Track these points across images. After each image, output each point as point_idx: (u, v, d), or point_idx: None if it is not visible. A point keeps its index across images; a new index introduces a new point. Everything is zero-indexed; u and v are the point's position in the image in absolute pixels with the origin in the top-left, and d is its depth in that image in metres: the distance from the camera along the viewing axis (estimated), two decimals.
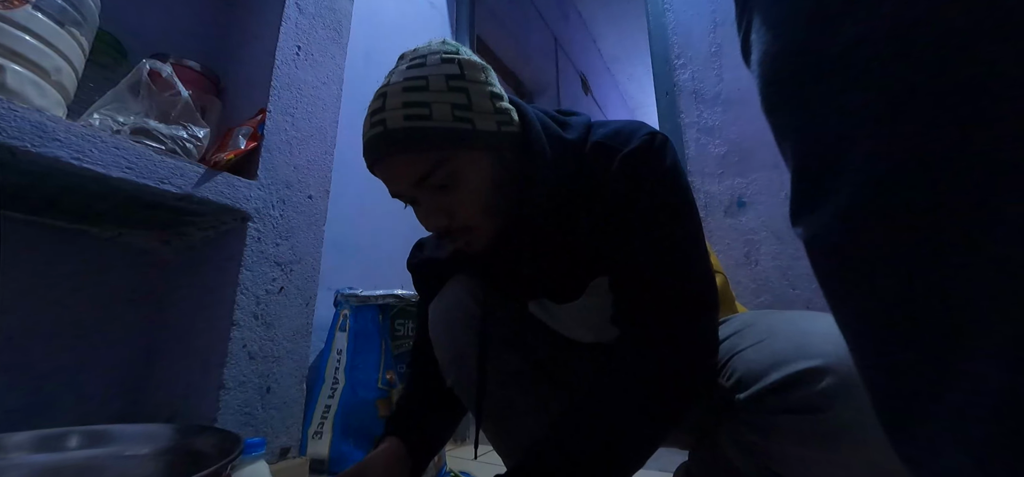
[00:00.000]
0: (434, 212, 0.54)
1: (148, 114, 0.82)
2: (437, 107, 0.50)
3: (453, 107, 0.50)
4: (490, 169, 0.53)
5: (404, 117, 0.50)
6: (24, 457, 0.59)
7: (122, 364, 0.94)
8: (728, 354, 0.52)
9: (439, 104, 0.50)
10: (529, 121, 0.56)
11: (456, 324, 0.65)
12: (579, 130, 0.58)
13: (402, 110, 0.50)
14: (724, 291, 0.67)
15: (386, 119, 0.50)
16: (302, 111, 1.06)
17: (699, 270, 0.53)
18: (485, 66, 0.55)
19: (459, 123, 0.50)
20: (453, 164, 0.51)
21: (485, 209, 0.54)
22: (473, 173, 0.52)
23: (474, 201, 0.53)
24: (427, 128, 0.50)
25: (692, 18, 1.52)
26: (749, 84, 1.37)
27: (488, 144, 0.52)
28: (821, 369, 0.41)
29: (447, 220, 0.54)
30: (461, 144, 0.51)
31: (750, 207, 1.29)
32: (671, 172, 0.53)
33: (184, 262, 1.02)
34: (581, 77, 3.66)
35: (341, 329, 1.17)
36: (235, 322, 0.87)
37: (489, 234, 0.56)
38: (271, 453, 0.92)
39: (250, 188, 0.92)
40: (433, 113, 0.50)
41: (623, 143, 0.54)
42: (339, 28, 1.20)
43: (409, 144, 0.50)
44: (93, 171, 0.69)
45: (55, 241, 0.88)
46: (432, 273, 0.74)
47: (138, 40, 0.95)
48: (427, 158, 0.51)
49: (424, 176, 0.51)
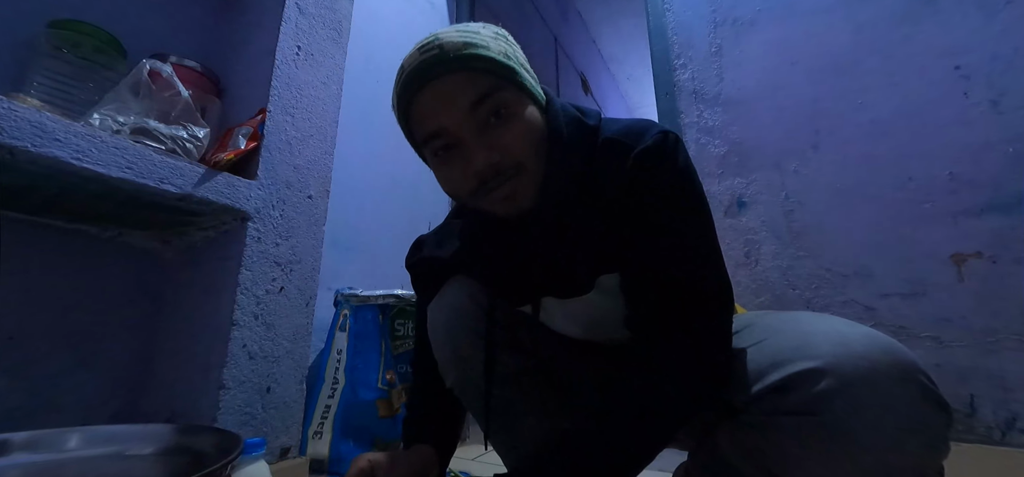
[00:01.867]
0: (483, 148, 0.50)
1: (148, 114, 0.81)
2: (493, 45, 0.51)
3: (503, 52, 0.52)
4: (535, 114, 0.54)
5: (463, 43, 0.50)
6: (23, 457, 0.59)
7: (122, 364, 0.94)
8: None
9: (494, 44, 0.52)
10: (551, 98, 0.58)
11: (456, 325, 0.65)
12: (594, 120, 0.58)
13: (459, 37, 0.50)
14: None
15: (442, 44, 0.50)
16: (302, 111, 1.06)
17: (715, 269, 0.53)
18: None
19: (508, 60, 0.52)
20: (506, 93, 0.51)
21: (536, 149, 0.52)
22: (523, 109, 0.53)
23: (528, 136, 0.52)
24: (486, 55, 0.50)
25: (692, 18, 1.52)
26: (749, 84, 1.37)
27: (530, 91, 0.54)
28: (820, 370, 0.41)
29: (499, 156, 0.50)
30: (513, 81, 0.52)
31: (750, 207, 1.29)
32: (685, 171, 0.53)
33: (184, 262, 1.02)
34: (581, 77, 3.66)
35: (341, 329, 1.17)
36: (235, 322, 0.87)
37: (536, 183, 0.53)
38: (271, 453, 0.92)
39: (250, 188, 0.92)
40: (490, 46, 0.51)
41: (636, 140, 0.53)
42: (339, 28, 1.20)
43: (470, 61, 0.49)
44: (93, 171, 0.69)
45: (55, 241, 0.87)
46: (431, 272, 0.74)
47: (138, 40, 0.95)
48: (485, 81, 0.50)
49: (481, 98, 0.50)
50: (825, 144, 1.22)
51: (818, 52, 1.28)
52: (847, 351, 0.41)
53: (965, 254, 1.00)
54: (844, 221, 1.15)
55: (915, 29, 1.15)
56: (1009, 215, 0.97)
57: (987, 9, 1.07)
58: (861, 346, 0.41)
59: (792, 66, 1.31)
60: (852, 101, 1.20)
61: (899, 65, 1.15)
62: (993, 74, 1.04)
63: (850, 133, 1.19)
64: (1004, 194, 0.99)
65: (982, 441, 0.93)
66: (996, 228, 0.98)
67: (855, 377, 0.40)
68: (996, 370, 0.94)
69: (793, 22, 1.33)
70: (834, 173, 1.19)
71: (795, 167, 1.24)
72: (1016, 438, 0.91)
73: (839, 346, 0.42)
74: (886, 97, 1.16)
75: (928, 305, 1.02)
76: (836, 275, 1.14)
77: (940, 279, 1.02)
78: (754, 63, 1.38)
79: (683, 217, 0.53)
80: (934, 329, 1.01)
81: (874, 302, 1.08)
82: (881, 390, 0.39)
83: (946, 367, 0.98)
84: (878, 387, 0.39)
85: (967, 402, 0.96)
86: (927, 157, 1.08)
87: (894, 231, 1.08)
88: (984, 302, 0.97)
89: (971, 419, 0.95)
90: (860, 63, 1.21)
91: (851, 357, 0.40)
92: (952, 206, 1.03)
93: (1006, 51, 1.03)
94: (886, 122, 1.14)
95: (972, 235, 1.00)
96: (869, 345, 0.41)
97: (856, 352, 0.41)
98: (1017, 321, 0.94)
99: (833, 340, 0.42)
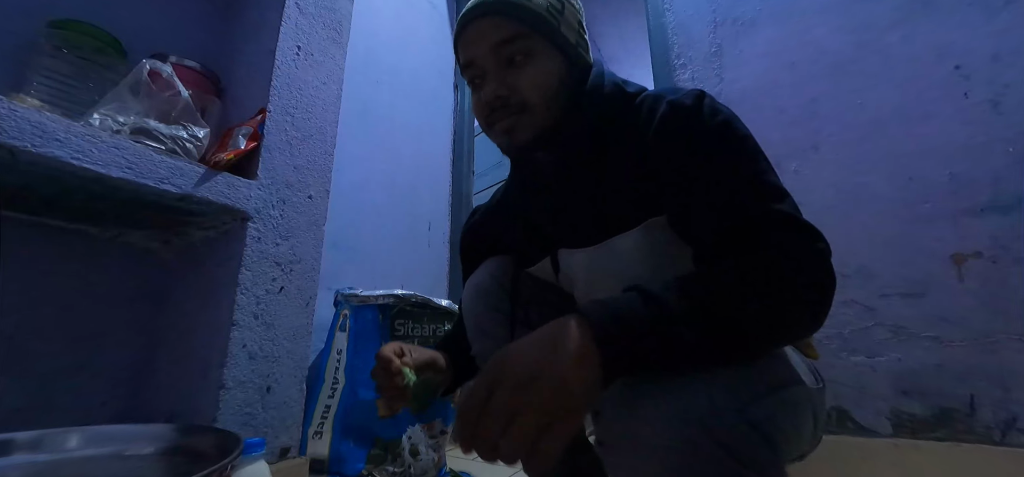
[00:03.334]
0: (498, 83, 0.58)
1: (148, 114, 0.81)
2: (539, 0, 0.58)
3: (550, 5, 0.59)
4: (560, 67, 0.59)
5: None
6: (24, 457, 0.59)
7: (122, 364, 0.94)
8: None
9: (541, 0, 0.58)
10: (598, 62, 0.63)
11: (479, 303, 0.74)
12: (634, 89, 0.61)
13: None
14: None
15: None
16: (302, 111, 1.06)
17: (782, 198, 0.48)
18: (583, 12, 0.64)
19: (550, 16, 0.58)
20: (532, 42, 0.58)
21: (544, 94, 0.58)
22: (546, 59, 0.58)
23: (539, 82, 0.57)
24: (523, 4, 0.57)
25: (692, 18, 1.52)
26: (749, 84, 1.37)
27: (564, 47, 0.59)
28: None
29: (507, 92, 0.58)
30: (545, 31, 0.58)
31: None
32: (726, 114, 0.52)
33: (184, 262, 1.02)
34: None
35: (341, 329, 1.17)
36: (235, 322, 0.87)
37: (536, 125, 0.58)
38: (271, 453, 0.92)
39: (250, 188, 0.92)
40: (533, 0, 0.58)
41: (672, 93, 0.54)
42: (339, 28, 1.20)
43: (504, 8, 0.57)
44: (93, 171, 0.69)
45: (55, 241, 0.88)
46: (470, 246, 0.83)
47: (138, 40, 0.95)
48: (513, 27, 0.57)
49: (505, 41, 0.57)
50: (825, 144, 1.22)
51: (818, 52, 1.28)
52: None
53: (965, 254, 1.00)
54: (844, 221, 1.15)
55: (915, 29, 1.15)
56: (1009, 215, 0.97)
57: (987, 9, 1.07)
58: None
59: (792, 66, 1.31)
60: (852, 101, 1.20)
61: (899, 65, 1.15)
62: (993, 74, 1.04)
63: (850, 133, 1.19)
64: (1004, 194, 0.98)
65: (982, 441, 0.93)
66: (996, 228, 0.98)
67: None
68: (996, 370, 0.94)
69: (793, 22, 1.33)
70: (834, 173, 1.19)
71: (795, 167, 1.24)
72: (1016, 438, 0.91)
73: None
74: (886, 97, 1.15)
75: (928, 305, 1.02)
76: (836, 275, 1.13)
77: (940, 279, 1.02)
78: (754, 63, 1.38)
79: (732, 151, 0.50)
80: (934, 329, 1.01)
81: (874, 302, 1.08)
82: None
83: (946, 367, 0.98)
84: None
85: (967, 402, 0.96)
86: (927, 157, 1.08)
87: (894, 231, 1.08)
88: (984, 302, 0.97)
89: (971, 419, 0.95)
90: (860, 63, 1.21)
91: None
92: (952, 206, 1.03)
93: (1006, 51, 1.03)
94: (886, 122, 1.14)
95: (972, 235, 1.00)
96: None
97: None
98: (1017, 321, 0.94)
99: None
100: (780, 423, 0.42)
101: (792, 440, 0.47)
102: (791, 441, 0.47)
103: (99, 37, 0.84)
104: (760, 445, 0.38)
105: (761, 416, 0.39)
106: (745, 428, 0.38)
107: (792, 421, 0.47)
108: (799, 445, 0.52)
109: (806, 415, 0.50)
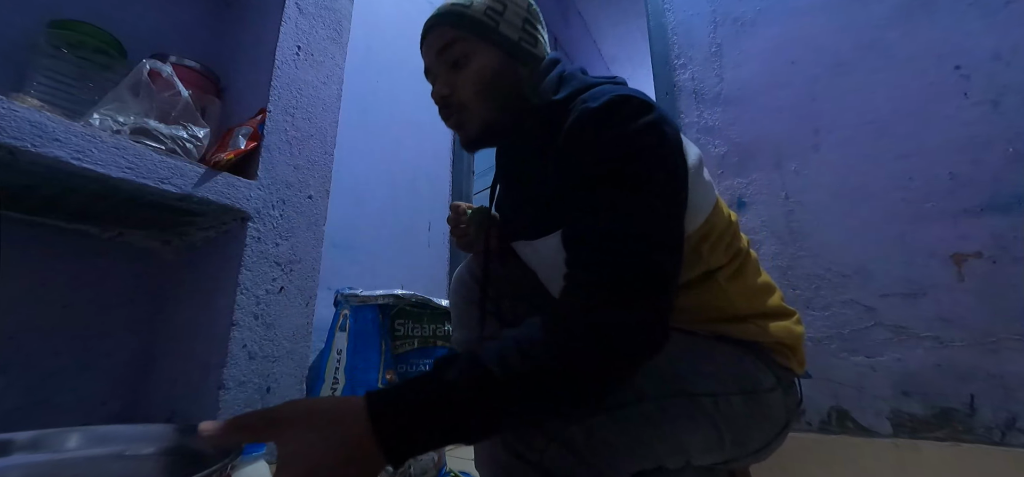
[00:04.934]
0: (443, 83, 0.65)
1: (148, 114, 0.81)
2: (477, 3, 0.64)
3: (488, 8, 0.64)
4: (497, 64, 0.63)
5: (451, 3, 0.65)
6: (24, 457, 0.59)
7: (122, 364, 0.94)
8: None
9: (479, 2, 0.64)
10: (555, 61, 0.65)
11: (457, 294, 0.82)
12: (574, 86, 0.59)
13: (450, 1, 0.65)
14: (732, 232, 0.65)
15: (438, 7, 0.66)
16: (302, 111, 1.06)
17: (649, 244, 0.46)
18: (535, 9, 0.68)
19: (487, 18, 0.63)
20: (468, 46, 0.63)
21: (480, 93, 0.63)
22: (481, 60, 0.63)
23: (474, 82, 0.63)
24: (460, 13, 0.63)
25: (692, 18, 1.52)
26: (749, 84, 1.37)
27: (503, 44, 0.64)
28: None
29: (449, 91, 0.64)
30: (480, 33, 0.63)
31: (750, 207, 1.29)
32: (634, 137, 0.49)
33: (184, 262, 1.02)
34: None
35: (341, 329, 1.17)
36: (235, 322, 0.87)
37: (480, 120, 0.64)
38: (271, 453, 0.92)
39: (250, 188, 0.92)
40: (472, 5, 0.64)
41: (593, 98, 0.52)
42: (339, 28, 1.20)
43: (444, 19, 0.64)
44: (93, 171, 0.69)
45: (55, 241, 0.88)
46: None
47: (138, 40, 0.95)
48: (449, 34, 0.64)
49: (446, 45, 0.64)
50: (825, 144, 1.22)
51: (818, 52, 1.28)
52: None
53: (965, 254, 1.00)
54: (844, 221, 1.15)
55: (915, 29, 1.15)
56: (1009, 215, 0.97)
57: (987, 9, 1.07)
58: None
59: (792, 66, 1.31)
60: (852, 101, 1.20)
61: (899, 65, 1.15)
62: (993, 74, 1.04)
63: (850, 133, 1.19)
64: (1004, 194, 0.98)
65: (982, 441, 0.93)
66: (996, 228, 0.98)
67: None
68: (996, 370, 0.94)
69: (793, 22, 1.33)
70: (834, 173, 1.19)
71: (795, 167, 1.24)
72: (1016, 438, 0.91)
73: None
74: (886, 97, 1.15)
75: (928, 305, 1.02)
76: (836, 275, 1.14)
77: (940, 279, 1.02)
78: (754, 63, 1.38)
79: (619, 181, 0.48)
80: (934, 329, 1.01)
81: (874, 302, 1.08)
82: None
83: (946, 367, 0.98)
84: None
85: (967, 402, 0.96)
86: (927, 157, 1.08)
87: (894, 231, 1.08)
88: (984, 302, 0.97)
89: (971, 419, 0.95)
90: (860, 63, 1.21)
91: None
92: (952, 206, 1.03)
93: (1006, 51, 1.03)
94: (886, 122, 1.14)
95: (972, 235, 1.00)
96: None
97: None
98: (1017, 321, 0.94)
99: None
100: (607, 438, 0.46)
101: (651, 449, 0.50)
102: (649, 449, 0.50)
103: (99, 37, 0.84)
104: (572, 463, 0.44)
105: (578, 436, 0.45)
106: (557, 447, 0.44)
107: (636, 433, 0.48)
108: (680, 452, 0.53)
109: (669, 424, 0.51)
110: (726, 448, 0.55)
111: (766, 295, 0.64)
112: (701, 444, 0.53)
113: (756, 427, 0.58)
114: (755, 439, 0.59)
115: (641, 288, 0.45)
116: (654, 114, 0.51)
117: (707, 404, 0.53)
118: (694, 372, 0.54)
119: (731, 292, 0.60)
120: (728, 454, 0.57)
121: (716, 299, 0.60)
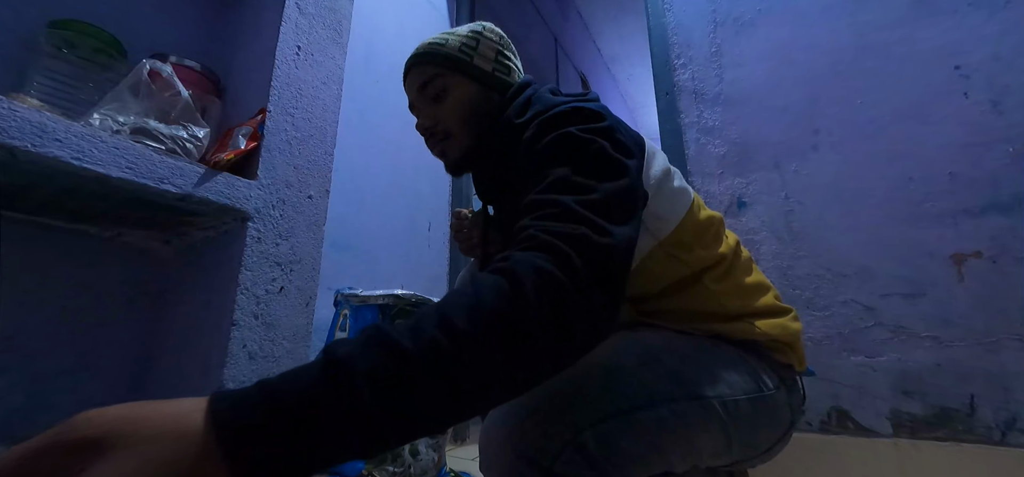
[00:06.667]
0: (426, 116, 0.71)
1: (148, 114, 0.81)
2: (452, 41, 0.70)
3: (462, 44, 0.70)
4: (474, 94, 0.69)
5: (428, 44, 0.71)
6: None
7: (122, 364, 0.94)
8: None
9: (454, 40, 0.70)
10: (524, 86, 0.68)
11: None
12: (542, 104, 0.58)
13: (427, 41, 0.72)
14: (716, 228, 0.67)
15: (417, 49, 0.72)
16: (302, 111, 1.06)
17: (591, 216, 0.42)
18: (506, 40, 0.74)
19: (461, 54, 0.69)
20: (446, 81, 0.69)
21: (461, 121, 0.69)
22: (459, 92, 0.69)
23: (454, 112, 0.69)
24: (437, 51, 0.70)
25: (692, 18, 1.52)
26: (749, 84, 1.37)
27: (478, 76, 0.70)
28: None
29: (432, 123, 0.71)
30: (456, 68, 0.69)
31: (750, 207, 1.29)
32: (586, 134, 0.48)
33: (184, 262, 1.02)
34: (581, 77, 3.66)
35: (341, 329, 1.17)
36: (235, 322, 0.87)
37: (461, 146, 0.70)
38: None
39: (250, 188, 0.92)
40: (448, 43, 0.70)
41: (549, 109, 0.54)
42: (339, 28, 1.20)
43: (423, 58, 0.71)
44: (93, 171, 0.69)
45: (55, 241, 0.87)
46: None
47: (138, 40, 0.95)
48: (429, 71, 0.70)
49: (426, 82, 0.70)
50: (825, 144, 1.22)
51: (818, 52, 1.28)
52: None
53: (965, 254, 1.00)
54: (844, 221, 1.15)
55: (915, 29, 1.15)
56: (1009, 215, 0.97)
57: (987, 9, 1.07)
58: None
59: (792, 66, 1.31)
60: (852, 101, 1.20)
61: (899, 65, 1.15)
62: (993, 74, 1.04)
63: (850, 133, 1.19)
64: (1004, 194, 0.99)
65: (982, 441, 0.93)
66: (996, 228, 0.98)
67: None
68: (996, 370, 0.94)
69: (793, 22, 1.33)
70: (834, 173, 1.19)
71: (795, 167, 1.24)
72: (1016, 438, 0.91)
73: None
74: (886, 97, 1.16)
75: (928, 305, 1.02)
76: (836, 275, 1.14)
77: (940, 279, 1.02)
78: (754, 63, 1.38)
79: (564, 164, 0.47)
80: (934, 329, 1.01)
81: (874, 302, 1.08)
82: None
83: (946, 367, 0.98)
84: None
85: (967, 402, 0.96)
86: (927, 157, 1.08)
87: (894, 231, 1.08)
88: (984, 302, 0.97)
89: (971, 419, 0.95)
90: (860, 63, 1.21)
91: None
92: (952, 206, 1.03)
93: (1006, 51, 1.03)
94: (886, 122, 1.14)
95: (972, 235, 1.00)
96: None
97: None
98: (1017, 321, 0.94)
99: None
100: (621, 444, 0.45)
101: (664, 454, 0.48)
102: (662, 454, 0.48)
103: (99, 37, 0.84)
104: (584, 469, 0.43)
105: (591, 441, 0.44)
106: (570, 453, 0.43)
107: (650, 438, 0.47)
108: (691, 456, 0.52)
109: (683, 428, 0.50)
110: (735, 450, 0.56)
111: (758, 294, 0.65)
112: (712, 447, 0.54)
113: (763, 429, 0.59)
114: (762, 440, 0.60)
115: (581, 253, 0.39)
116: (607, 122, 0.51)
117: (717, 407, 0.53)
118: (703, 375, 0.54)
119: (720, 293, 0.61)
120: (736, 456, 0.57)
121: (706, 301, 0.61)
